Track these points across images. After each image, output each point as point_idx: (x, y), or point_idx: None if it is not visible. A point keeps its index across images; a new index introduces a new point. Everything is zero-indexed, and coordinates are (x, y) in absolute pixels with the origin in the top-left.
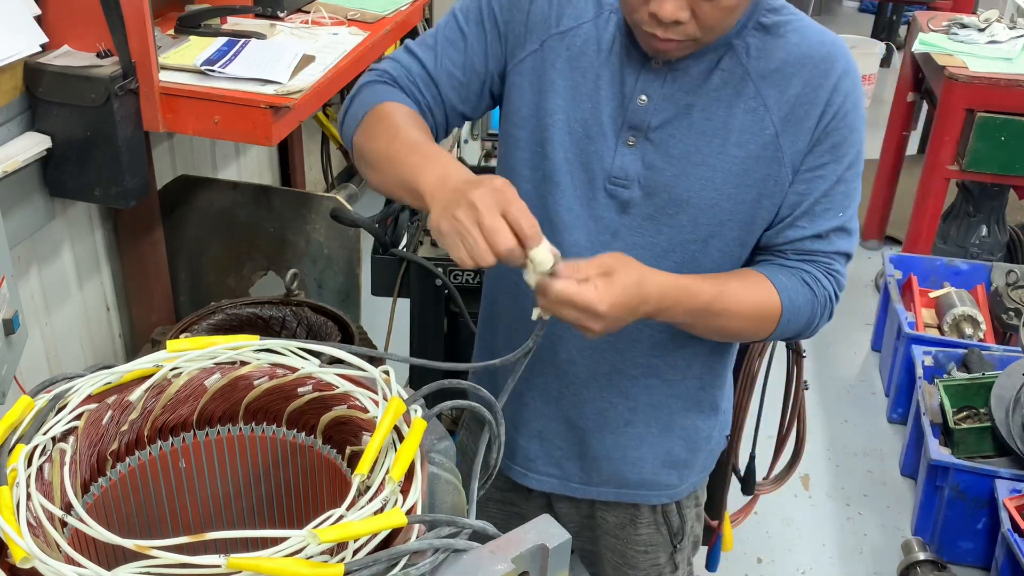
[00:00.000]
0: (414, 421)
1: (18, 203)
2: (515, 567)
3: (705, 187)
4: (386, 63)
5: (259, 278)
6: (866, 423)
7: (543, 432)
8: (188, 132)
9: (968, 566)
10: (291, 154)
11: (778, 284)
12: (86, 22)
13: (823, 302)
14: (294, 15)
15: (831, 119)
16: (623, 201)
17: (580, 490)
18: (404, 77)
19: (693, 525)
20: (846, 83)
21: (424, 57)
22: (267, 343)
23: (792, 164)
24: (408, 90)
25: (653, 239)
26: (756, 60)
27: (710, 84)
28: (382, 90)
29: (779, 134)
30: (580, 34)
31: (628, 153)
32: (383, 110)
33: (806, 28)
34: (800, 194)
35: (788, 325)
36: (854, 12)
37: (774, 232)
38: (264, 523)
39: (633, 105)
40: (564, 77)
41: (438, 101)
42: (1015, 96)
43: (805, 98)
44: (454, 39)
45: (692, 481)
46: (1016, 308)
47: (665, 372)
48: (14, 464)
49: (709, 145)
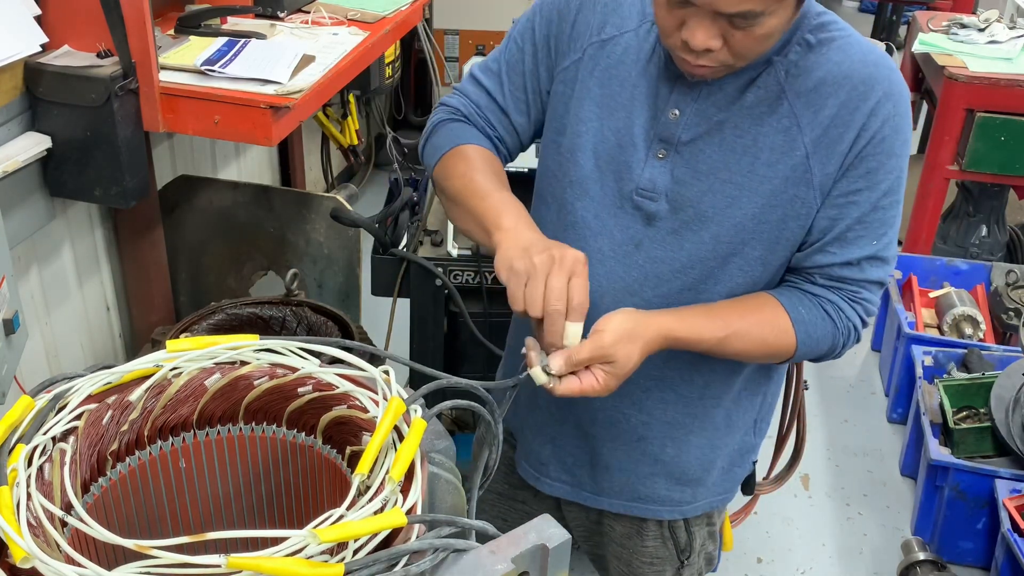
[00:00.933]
0: (414, 421)
1: (18, 203)
2: (515, 567)
3: (731, 204)
4: (455, 99)
5: (259, 278)
6: (866, 423)
7: (556, 437)
8: (188, 132)
9: (968, 566)
10: (291, 154)
11: (795, 316)
12: (86, 22)
13: (845, 332)
14: (294, 15)
15: (866, 144)
16: (649, 213)
17: (591, 499)
18: (475, 113)
19: (704, 543)
20: (887, 107)
21: (492, 88)
22: (267, 343)
23: (822, 187)
24: (478, 125)
25: (675, 253)
26: (794, 78)
27: (744, 101)
28: (457, 130)
29: (809, 155)
30: (621, 43)
31: (658, 165)
32: (460, 152)
33: (850, 46)
34: (831, 219)
35: (804, 356)
36: (854, 12)
37: (803, 255)
38: (264, 523)
39: (664, 118)
40: (601, 85)
41: (509, 129)
42: (1015, 96)
43: (840, 120)
44: (514, 63)
45: (706, 501)
46: (1016, 308)
47: (680, 387)
48: (14, 464)
49: (739, 163)
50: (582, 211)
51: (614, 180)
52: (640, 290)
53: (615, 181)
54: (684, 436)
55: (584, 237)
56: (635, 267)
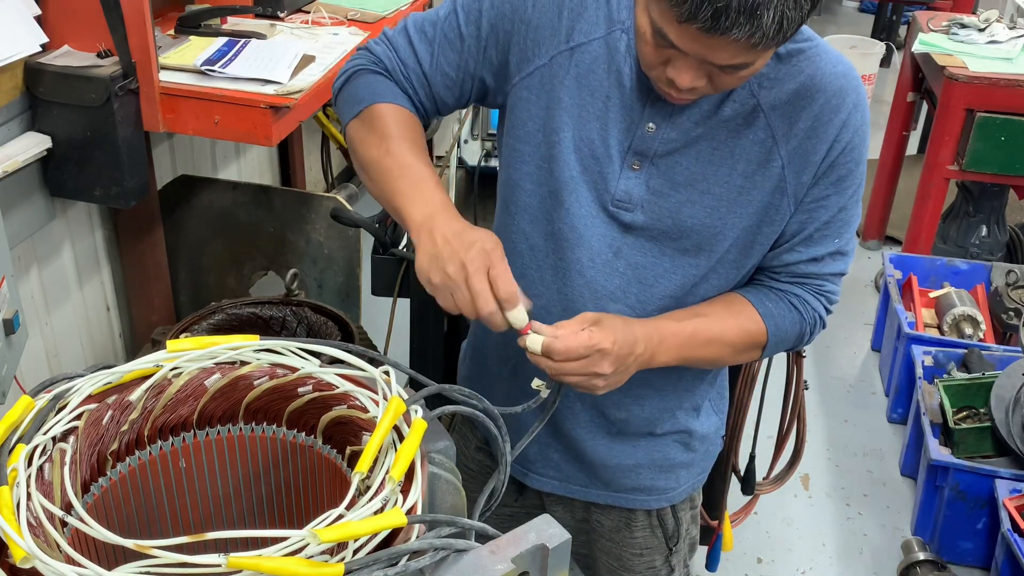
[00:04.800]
0: (414, 421)
1: (18, 203)
2: (515, 567)
3: (709, 215)
4: (381, 49)
5: (259, 278)
6: (866, 423)
7: (540, 437)
8: (188, 132)
9: (968, 566)
10: (291, 154)
11: (763, 311)
12: (86, 22)
13: (811, 322)
14: (294, 15)
15: (839, 154)
16: (626, 224)
17: (580, 492)
18: (398, 70)
19: (689, 527)
20: (856, 118)
21: (421, 54)
22: (267, 343)
23: (795, 195)
24: (401, 84)
25: (656, 259)
26: (767, 91)
27: (720, 115)
28: (377, 84)
29: (784, 166)
30: (590, 51)
31: (632, 177)
32: (378, 113)
33: (819, 56)
34: (801, 223)
35: (776, 347)
36: (854, 12)
37: (771, 255)
38: (264, 523)
39: (640, 132)
40: (572, 95)
41: (429, 97)
42: (1015, 96)
43: (813, 132)
44: (452, 39)
45: (688, 484)
46: (1016, 308)
47: (657, 383)
48: (14, 464)
49: (716, 174)
50: (558, 222)
51: (589, 191)
52: (623, 296)
53: (590, 192)
54: (662, 427)
55: (560, 248)
56: (616, 274)
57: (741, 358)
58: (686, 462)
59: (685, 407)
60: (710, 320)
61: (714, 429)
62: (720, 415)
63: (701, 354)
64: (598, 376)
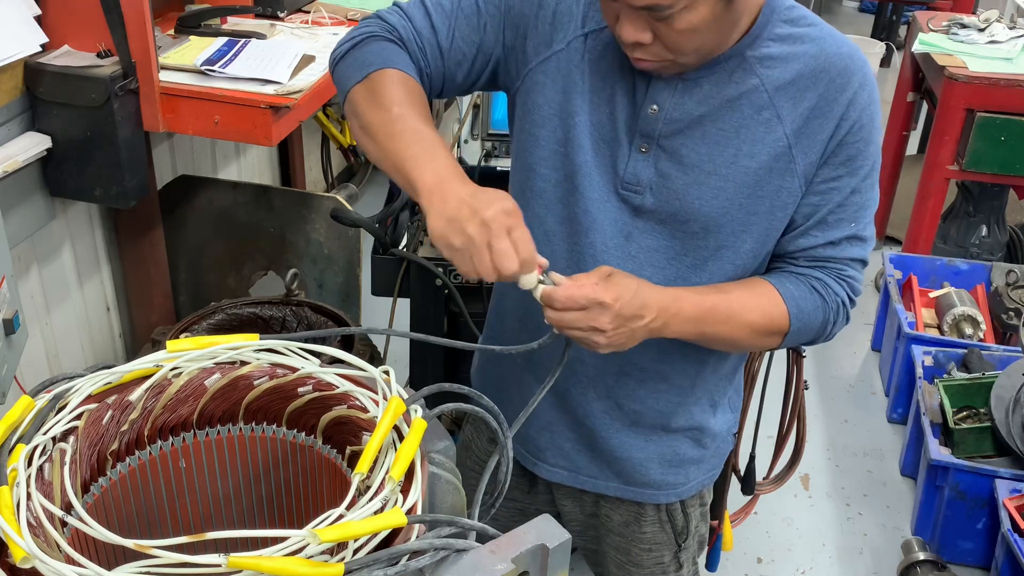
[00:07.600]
0: (414, 421)
1: (18, 203)
2: (515, 567)
3: (717, 196)
4: (396, 17)
5: (259, 278)
6: (866, 423)
7: (552, 425)
8: (188, 132)
9: (968, 566)
10: (291, 154)
11: (785, 293)
12: (86, 22)
13: (835, 307)
14: (294, 15)
15: (846, 133)
16: (635, 206)
17: (590, 483)
18: (413, 41)
19: (698, 524)
20: (863, 96)
21: (439, 26)
22: (267, 343)
23: (805, 176)
24: (414, 55)
25: (667, 243)
26: (771, 71)
27: (723, 96)
28: (389, 51)
29: (792, 146)
30: (603, 37)
31: (641, 160)
32: (388, 77)
33: (823, 38)
34: (813, 205)
35: (800, 333)
36: (854, 12)
37: (787, 240)
38: (264, 523)
39: (644, 114)
40: (586, 79)
41: (440, 72)
42: (1015, 96)
43: (819, 111)
44: (470, 14)
45: (698, 480)
46: (1016, 308)
47: (674, 378)
48: (14, 464)
49: (722, 155)
50: (573, 206)
51: (601, 174)
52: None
53: (602, 175)
54: (677, 421)
55: (575, 233)
56: (628, 258)
57: (761, 342)
58: (696, 458)
59: (702, 403)
60: (731, 297)
61: (727, 427)
62: (735, 413)
63: (718, 331)
64: (597, 331)
